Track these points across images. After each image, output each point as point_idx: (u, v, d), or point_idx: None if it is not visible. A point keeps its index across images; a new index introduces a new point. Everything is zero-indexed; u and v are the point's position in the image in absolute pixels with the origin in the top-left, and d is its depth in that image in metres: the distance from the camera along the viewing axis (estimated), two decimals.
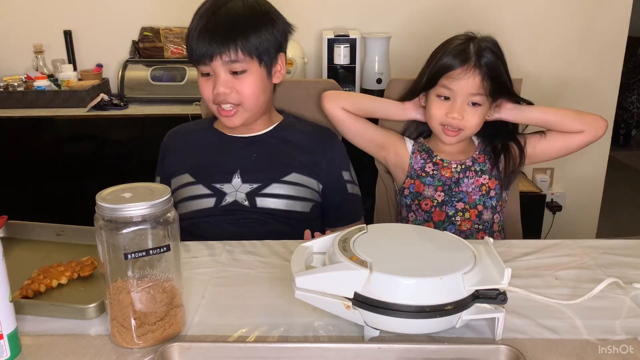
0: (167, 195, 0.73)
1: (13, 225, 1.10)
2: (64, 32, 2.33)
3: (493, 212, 1.36)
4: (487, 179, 1.35)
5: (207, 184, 1.26)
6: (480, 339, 0.76)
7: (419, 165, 1.37)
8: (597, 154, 2.49)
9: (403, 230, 0.92)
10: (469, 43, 1.28)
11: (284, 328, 0.79)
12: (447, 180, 1.34)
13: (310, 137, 1.32)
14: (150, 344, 0.74)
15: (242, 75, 1.19)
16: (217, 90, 1.19)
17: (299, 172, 1.27)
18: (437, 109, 1.30)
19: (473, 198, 1.34)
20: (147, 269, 0.74)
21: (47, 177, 2.12)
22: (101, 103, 2.14)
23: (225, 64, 1.17)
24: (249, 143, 1.29)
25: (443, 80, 1.28)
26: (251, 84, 1.20)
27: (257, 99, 1.22)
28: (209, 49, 1.16)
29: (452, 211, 1.33)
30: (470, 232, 1.34)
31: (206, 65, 1.18)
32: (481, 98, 1.27)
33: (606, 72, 2.41)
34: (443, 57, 1.29)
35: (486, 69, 1.26)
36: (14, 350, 0.71)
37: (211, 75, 1.20)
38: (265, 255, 1.01)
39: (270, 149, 1.28)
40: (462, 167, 1.35)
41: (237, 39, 1.16)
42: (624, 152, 4.33)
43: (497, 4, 2.32)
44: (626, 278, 0.91)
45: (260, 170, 1.26)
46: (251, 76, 1.20)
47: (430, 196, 1.35)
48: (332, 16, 2.33)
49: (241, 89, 1.20)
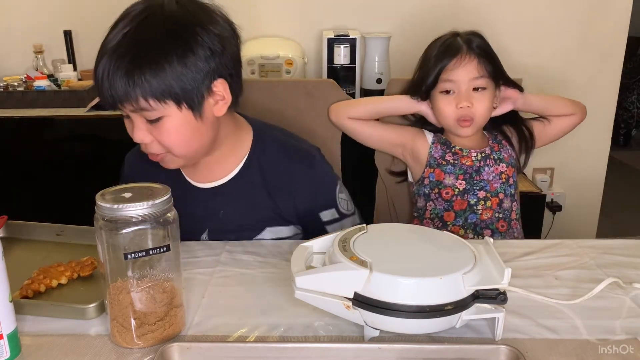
0: (167, 195, 0.73)
1: (13, 225, 1.10)
2: (64, 32, 2.33)
3: (512, 201, 1.37)
4: (505, 167, 1.36)
5: None
6: (480, 339, 0.76)
7: (439, 154, 1.37)
8: (597, 154, 2.49)
9: (403, 230, 0.92)
10: (455, 37, 1.32)
11: (284, 328, 0.79)
12: (468, 169, 1.34)
13: (280, 165, 1.10)
14: (150, 344, 0.74)
15: (158, 123, 0.95)
16: (134, 139, 0.98)
17: (273, 224, 1.11)
18: (446, 105, 1.31)
19: (494, 186, 1.34)
20: (147, 269, 0.74)
21: (47, 177, 2.12)
22: (101, 103, 2.13)
23: (135, 111, 0.94)
24: (215, 194, 1.09)
25: (442, 76, 1.30)
26: (173, 131, 0.96)
27: (187, 146, 0.99)
28: (108, 93, 0.93)
29: (473, 200, 1.33)
30: (491, 221, 1.34)
31: (116, 109, 0.97)
32: (483, 81, 1.30)
33: (606, 72, 2.40)
34: (435, 57, 1.32)
35: (479, 51, 1.30)
36: (14, 350, 0.71)
37: (129, 118, 0.98)
38: (265, 255, 1.01)
39: (239, 201, 1.09)
40: (482, 155, 1.35)
41: (137, 84, 0.91)
42: (624, 152, 4.33)
43: (497, 4, 2.32)
44: (626, 278, 0.91)
45: (229, 230, 1.09)
46: (171, 122, 0.95)
47: (451, 185, 1.34)
48: (332, 16, 2.33)
49: (161, 138, 0.96)
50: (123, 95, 0.92)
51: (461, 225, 1.34)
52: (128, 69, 0.91)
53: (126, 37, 0.93)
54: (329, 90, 1.48)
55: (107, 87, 0.93)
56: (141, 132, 0.97)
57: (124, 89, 0.91)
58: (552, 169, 2.50)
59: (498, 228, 1.35)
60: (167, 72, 0.91)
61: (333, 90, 1.50)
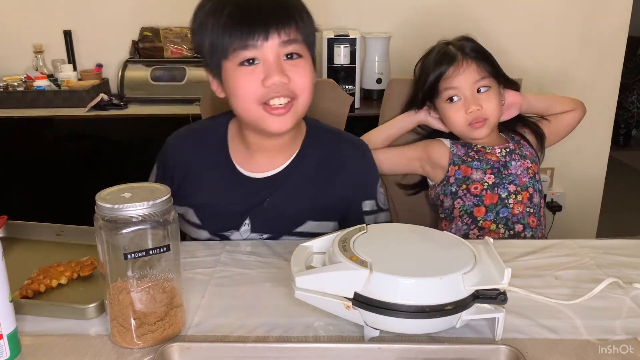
0: (167, 195, 0.73)
1: (13, 225, 1.10)
2: (64, 32, 2.33)
3: (540, 196, 1.36)
4: (530, 163, 1.36)
5: (213, 231, 1.11)
6: (480, 339, 0.76)
7: (462, 152, 1.36)
8: (597, 154, 2.49)
9: (403, 230, 0.92)
10: (447, 46, 1.33)
11: (284, 328, 0.79)
12: (495, 164, 1.33)
13: (333, 154, 1.13)
14: (150, 344, 0.74)
15: (297, 61, 0.99)
16: (272, 80, 0.96)
17: (315, 218, 1.11)
18: (455, 112, 1.32)
19: (523, 180, 1.33)
20: (147, 269, 0.73)
21: (47, 177, 2.12)
22: (101, 103, 2.14)
23: (283, 44, 0.96)
24: (264, 185, 1.10)
25: (442, 85, 1.30)
26: (308, 73, 1.00)
27: (310, 95, 1.02)
28: (262, 25, 0.94)
29: (504, 193, 1.31)
30: (522, 216, 1.31)
31: (255, 49, 0.95)
32: (487, 80, 1.31)
33: (606, 72, 2.40)
34: (430, 69, 1.33)
35: (474, 54, 1.31)
36: (14, 351, 0.71)
37: (256, 63, 0.97)
38: (265, 255, 1.01)
39: (286, 191, 1.10)
40: (507, 150, 1.35)
41: (296, 13, 0.97)
42: (624, 152, 4.33)
43: (497, 4, 2.32)
44: (626, 278, 0.91)
45: (273, 218, 1.10)
46: (307, 63, 1.01)
47: (479, 179, 1.32)
48: (332, 16, 2.33)
49: (298, 77, 0.98)
50: (282, 20, 0.95)
51: (492, 220, 1.30)
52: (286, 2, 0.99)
53: None
54: (329, 90, 1.48)
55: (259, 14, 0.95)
56: (280, 71, 0.96)
57: (285, 15, 0.96)
58: (552, 169, 2.50)
59: (529, 223, 1.31)
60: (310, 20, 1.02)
61: (333, 90, 1.49)
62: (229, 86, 1.01)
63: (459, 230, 1.32)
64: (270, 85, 0.96)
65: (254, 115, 1.01)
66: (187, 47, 2.31)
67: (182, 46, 2.31)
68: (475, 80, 1.29)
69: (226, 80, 1.01)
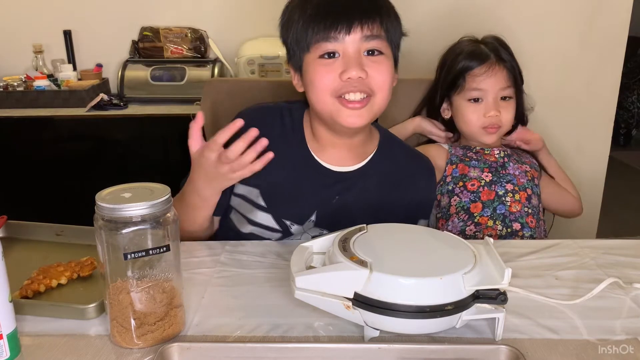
0: (166, 195, 0.73)
1: (13, 225, 1.10)
2: (64, 32, 2.33)
3: (539, 200, 1.36)
4: (529, 167, 1.36)
5: (278, 218, 1.08)
6: (480, 339, 0.76)
7: (460, 152, 1.36)
8: (597, 154, 2.49)
9: (403, 230, 0.92)
10: (479, 44, 1.33)
11: (284, 328, 0.79)
12: (493, 164, 1.34)
13: (403, 170, 1.13)
14: (150, 344, 0.74)
15: (378, 57, 0.99)
16: (349, 74, 0.96)
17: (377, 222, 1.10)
18: (473, 112, 1.32)
19: (521, 181, 1.33)
20: (146, 269, 0.73)
21: (47, 177, 2.12)
22: (101, 103, 2.14)
23: (365, 39, 0.96)
24: (338, 180, 1.09)
25: (469, 83, 1.31)
26: (387, 71, 0.99)
27: (388, 95, 1.01)
28: (345, 18, 0.94)
29: (502, 191, 1.31)
30: (520, 215, 1.30)
31: (336, 42, 0.96)
32: (511, 91, 1.32)
33: (606, 72, 2.40)
34: (459, 61, 1.33)
35: (507, 62, 1.32)
36: (14, 351, 0.71)
37: (336, 57, 0.97)
38: (265, 255, 1.01)
39: (355, 193, 1.09)
40: (505, 152, 1.36)
41: (382, 10, 0.98)
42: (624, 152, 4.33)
43: (497, 4, 2.31)
44: (626, 278, 0.91)
45: (338, 217, 1.07)
46: (387, 61, 1.00)
47: (476, 177, 1.33)
48: None
49: (377, 74, 0.98)
50: (366, 14, 0.96)
51: (489, 216, 1.30)
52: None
53: None
54: None
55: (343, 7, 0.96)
56: (359, 65, 0.96)
57: (369, 9, 0.96)
58: None
59: (527, 223, 1.30)
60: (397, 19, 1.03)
61: None
62: (307, 78, 1.01)
63: (455, 227, 1.32)
64: (347, 79, 0.96)
65: (329, 108, 1.00)
66: (187, 47, 2.31)
67: (182, 46, 2.31)
68: (502, 87, 1.31)
69: (306, 72, 1.02)
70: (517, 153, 1.39)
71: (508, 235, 1.28)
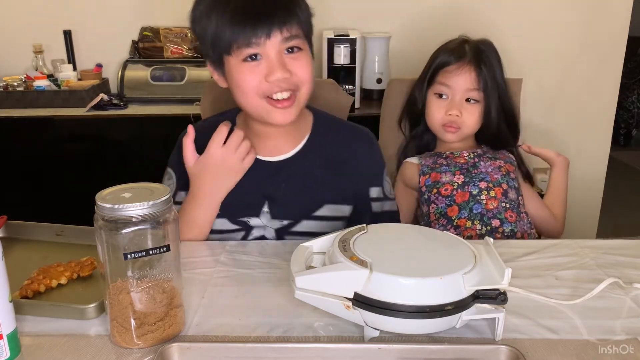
0: (166, 195, 0.73)
1: (13, 225, 1.10)
2: (64, 32, 2.33)
3: (517, 194, 1.34)
4: (503, 163, 1.35)
5: (232, 218, 1.12)
6: (480, 339, 0.76)
7: (430, 162, 1.37)
8: (597, 154, 2.49)
9: (403, 230, 0.92)
10: (464, 43, 1.33)
11: (284, 328, 0.79)
12: (464, 165, 1.34)
13: (341, 143, 1.16)
14: (150, 344, 0.74)
15: (297, 54, 1.02)
16: (274, 76, 0.99)
17: (330, 201, 1.13)
18: (437, 109, 1.33)
19: (495, 177, 1.32)
20: (146, 269, 0.73)
21: (47, 177, 2.12)
22: (101, 103, 2.14)
23: (284, 41, 0.99)
24: (279, 169, 1.13)
25: (440, 77, 1.31)
26: (308, 65, 1.04)
27: (312, 84, 1.06)
28: (264, 24, 0.97)
29: (475, 190, 1.30)
30: (498, 211, 1.29)
31: (257, 46, 0.98)
32: (477, 94, 1.31)
33: (606, 72, 2.40)
34: (439, 56, 1.33)
35: (481, 64, 1.31)
36: (14, 351, 0.71)
37: (259, 59, 1.00)
38: (265, 255, 1.01)
39: (300, 175, 1.13)
40: (475, 154, 1.35)
41: (296, 9, 1.00)
42: (624, 152, 4.33)
43: (497, 4, 2.32)
44: (626, 278, 0.91)
45: (290, 203, 1.12)
46: (306, 55, 1.04)
47: (449, 181, 1.32)
48: (332, 16, 2.33)
49: (299, 70, 1.02)
50: (283, 18, 0.98)
51: (467, 217, 1.29)
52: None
53: None
54: (329, 90, 1.48)
55: (261, 13, 0.97)
56: (282, 67, 0.99)
57: (285, 12, 0.98)
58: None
59: (507, 218, 1.29)
60: (307, 10, 1.04)
61: (333, 90, 1.50)
62: (233, 80, 1.04)
63: None
64: (273, 81, 1.00)
65: (258, 109, 1.04)
66: (187, 47, 2.31)
67: (182, 46, 2.31)
68: (469, 88, 1.30)
69: (229, 74, 1.04)
70: (490, 151, 1.38)
71: (488, 232, 1.27)
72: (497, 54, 1.34)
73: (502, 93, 1.33)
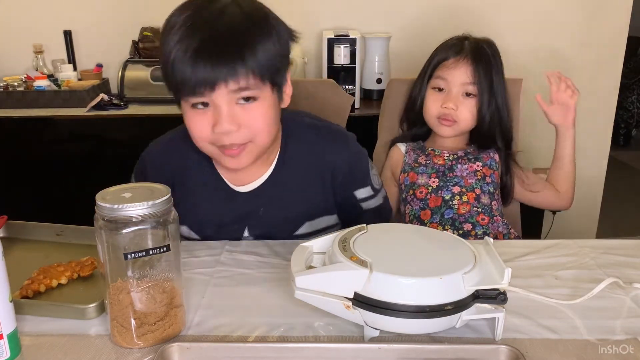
0: (167, 195, 0.73)
1: (13, 225, 1.10)
2: (64, 32, 2.33)
3: (491, 198, 1.34)
4: (481, 165, 1.35)
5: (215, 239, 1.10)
6: (480, 339, 0.76)
7: (412, 159, 1.39)
8: (597, 154, 2.49)
9: (403, 230, 0.92)
10: (465, 40, 1.33)
11: (284, 328, 0.79)
12: (441, 167, 1.35)
13: (314, 150, 1.09)
14: (150, 344, 0.74)
15: (251, 105, 0.93)
16: (221, 129, 0.92)
17: (311, 218, 1.10)
18: (433, 101, 1.35)
19: (469, 182, 1.33)
20: (147, 269, 0.73)
21: (47, 177, 2.13)
22: (101, 103, 2.14)
23: (232, 92, 0.91)
24: (255, 196, 1.08)
25: (438, 71, 1.32)
26: (263, 115, 0.95)
27: (270, 133, 0.98)
28: (210, 75, 0.88)
29: (448, 195, 1.32)
30: (470, 215, 1.31)
31: (202, 96, 0.91)
32: (474, 88, 1.31)
33: (606, 72, 2.41)
34: (439, 52, 1.34)
35: (479, 59, 1.31)
36: (14, 351, 0.71)
37: (207, 107, 0.93)
38: (265, 255, 1.01)
39: (277, 199, 1.08)
40: (455, 156, 1.36)
41: (247, 58, 0.89)
42: (624, 152, 4.33)
43: (497, 4, 2.32)
44: (626, 278, 0.91)
45: (270, 225, 1.09)
46: (263, 104, 0.94)
47: (424, 184, 1.35)
48: (332, 16, 2.33)
49: (251, 122, 0.93)
50: (230, 70, 0.88)
51: (438, 222, 1.31)
52: (237, 39, 0.89)
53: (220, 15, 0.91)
54: (329, 90, 1.49)
55: (206, 62, 0.87)
56: (229, 119, 0.91)
57: (232, 64, 0.88)
58: None
59: (479, 221, 1.30)
60: (269, 49, 0.91)
61: (333, 90, 1.50)
62: (185, 122, 0.99)
63: None
64: (220, 132, 0.93)
65: (212, 154, 1.00)
66: None
67: None
68: (466, 82, 1.30)
69: (183, 115, 0.99)
70: (475, 152, 1.37)
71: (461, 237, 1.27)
72: (497, 53, 1.34)
73: (498, 92, 1.33)
